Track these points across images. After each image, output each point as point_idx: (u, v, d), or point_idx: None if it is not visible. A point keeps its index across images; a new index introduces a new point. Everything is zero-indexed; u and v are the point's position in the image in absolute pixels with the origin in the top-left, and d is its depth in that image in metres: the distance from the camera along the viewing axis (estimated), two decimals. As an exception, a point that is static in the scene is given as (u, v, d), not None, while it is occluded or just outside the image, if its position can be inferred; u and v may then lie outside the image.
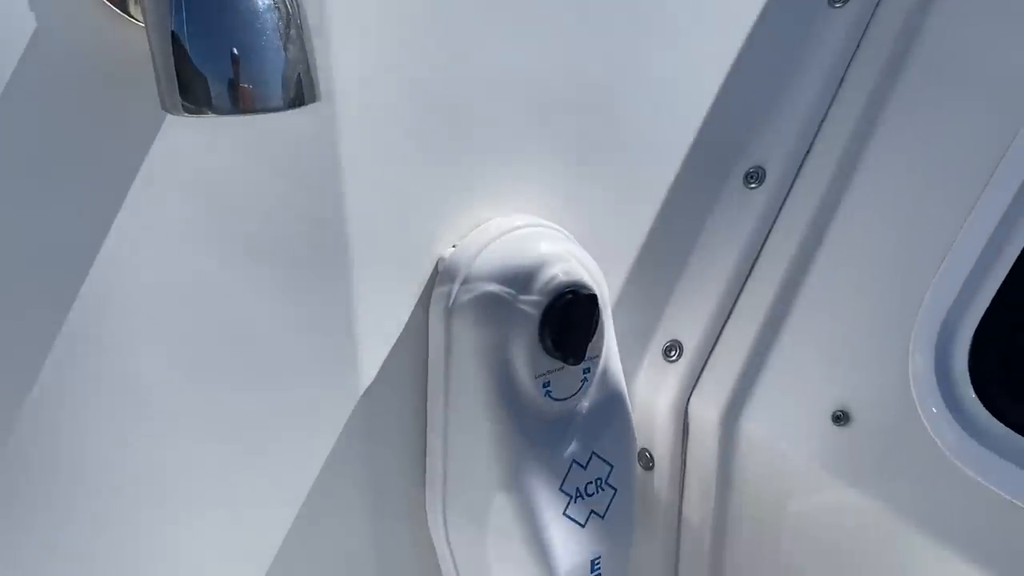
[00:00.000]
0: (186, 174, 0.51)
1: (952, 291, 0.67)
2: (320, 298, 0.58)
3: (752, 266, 0.74)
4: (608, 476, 0.65)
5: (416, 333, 0.62)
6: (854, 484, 0.68)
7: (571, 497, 0.63)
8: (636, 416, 0.73)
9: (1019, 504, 0.60)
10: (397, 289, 0.61)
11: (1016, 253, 0.65)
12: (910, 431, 0.65)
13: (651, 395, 0.77)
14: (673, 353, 0.76)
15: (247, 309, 0.56)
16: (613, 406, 0.65)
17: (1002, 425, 0.64)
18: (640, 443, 0.78)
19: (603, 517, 0.65)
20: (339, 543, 0.65)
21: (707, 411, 0.75)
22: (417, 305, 0.62)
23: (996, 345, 0.67)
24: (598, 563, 0.64)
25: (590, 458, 0.64)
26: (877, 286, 0.70)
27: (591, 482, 0.64)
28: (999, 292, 0.66)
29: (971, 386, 0.66)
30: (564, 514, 0.63)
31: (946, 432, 0.64)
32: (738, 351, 0.74)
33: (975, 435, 0.64)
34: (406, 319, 0.62)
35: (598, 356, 0.63)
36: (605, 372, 0.64)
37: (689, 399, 0.76)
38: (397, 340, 0.62)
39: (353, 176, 0.57)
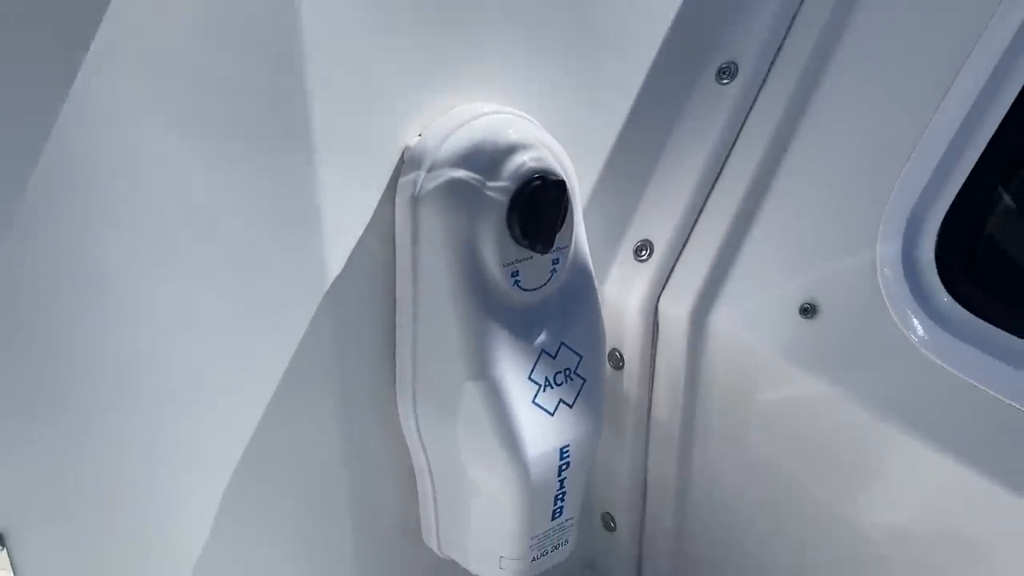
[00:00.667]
0: (140, 49, 0.50)
1: (920, 183, 0.67)
2: (282, 187, 0.57)
3: (723, 163, 0.74)
4: (577, 367, 0.65)
5: (383, 224, 0.61)
6: (821, 375, 0.68)
7: (540, 386, 0.63)
8: (606, 317, 0.73)
9: (985, 390, 0.60)
10: (362, 179, 0.60)
11: (983, 144, 0.65)
12: (877, 321, 0.65)
13: (621, 295, 0.77)
14: (644, 253, 0.76)
15: (205, 194, 0.55)
16: (582, 297, 0.65)
17: (968, 313, 0.64)
18: (610, 343, 0.78)
19: (571, 406, 0.65)
20: (309, 441, 0.65)
21: (677, 309, 0.75)
22: (383, 195, 0.61)
23: (962, 235, 0.67)
24: (567, 451, 0.65)
25: (559, 348, 0.64)
26: (846, 180, 0.70)
27: (560, 372, 0.64)
28: (966, 184, 0.66)
29: (937, 275, 0.66)
30: (533, 402, 0.63)
31: (912, 320, 0.65)
32: (708, 248, 0.74)
33: (941, 323, 0.65)
34: (372, 209, 0.61)
35: (567, 246, 0.63)
36: (574, 263, 0.64)
37: (659, 298, 0.76)
38: (364, 231, 0.61)
39: (315, 60, 0.55)
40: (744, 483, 0.77)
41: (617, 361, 0.79)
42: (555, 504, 0.67)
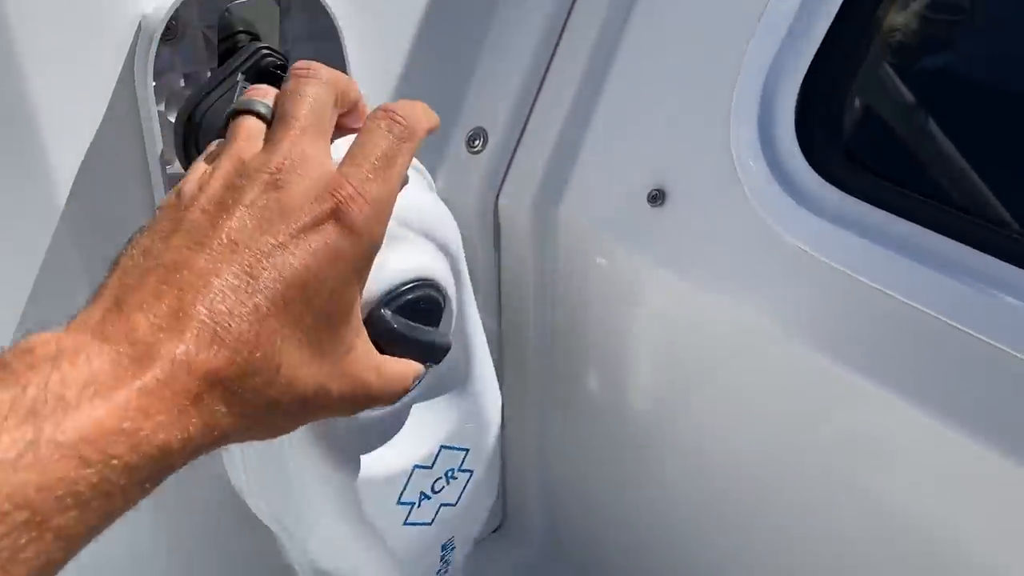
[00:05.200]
0: None
1: (772, 47, 0.58)
2: None
3: (559, 36, 0.62)
4: (463, 462, 0.52)
5: (128, 114, 0.49)
6: (672, 264, 0.61)
7: (413, 504, 0.50)
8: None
9: (855, 276, 0.53)
10: (93, 61, 0.47)
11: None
12: (733, 206, 0.58)
13: (456, 195, 0.66)
14: (477, 142, 0.65)
15: None
16: (458, 370, 0.50)
17: (835, 189, 0.56)
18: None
19: (455, 505, 0.53)
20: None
21: (518, 204, 0.66)
22: (121, 75, 0.48)
23: (825, 104, 0.60)
24: (451, 543, 0.56)
25: (437, 455, 0.50)
26: (694, 48, 0.61)
27: (440, 478, 0.51)
28: (826, 40, 0.58)
29: (799, 148, 0.58)
30: (405, 524, 0.51)
31: (773, 203, 0.57)
32: (547, 135, 0.65)
33: (803, 202, 0.56)
34: (107, 99, 0.48)
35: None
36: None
37: (498, 194, 0.66)
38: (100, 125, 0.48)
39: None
40: (606, 399, 0.71)
41: (456, 275, 0.69)
42: None
